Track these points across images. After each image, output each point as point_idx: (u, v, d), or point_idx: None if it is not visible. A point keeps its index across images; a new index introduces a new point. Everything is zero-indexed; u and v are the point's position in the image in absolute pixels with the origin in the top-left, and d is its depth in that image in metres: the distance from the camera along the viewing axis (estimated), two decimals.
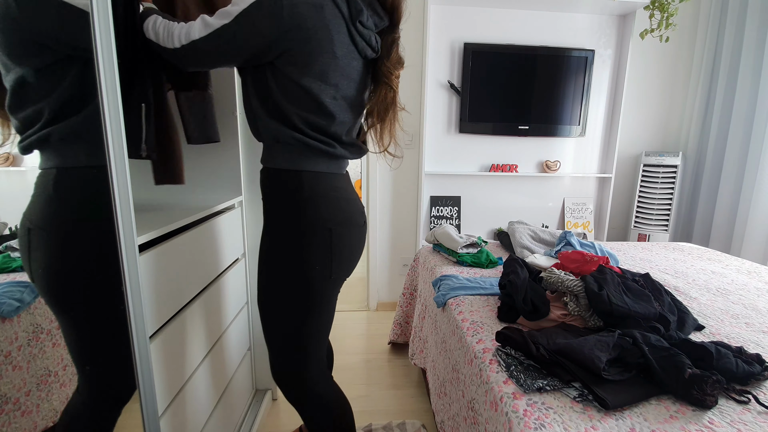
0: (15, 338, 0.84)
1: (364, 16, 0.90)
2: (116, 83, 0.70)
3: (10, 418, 0.82)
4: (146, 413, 0.83)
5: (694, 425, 0.73)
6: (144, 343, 0.80)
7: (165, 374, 0.93)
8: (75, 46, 0.79)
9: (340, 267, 1.02)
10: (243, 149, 1.49)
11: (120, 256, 0.74)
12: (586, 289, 1.05)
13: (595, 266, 1.19)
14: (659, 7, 2.10)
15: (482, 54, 2.46)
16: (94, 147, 0.74)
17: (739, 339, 1.05)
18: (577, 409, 0.76)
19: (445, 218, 2.71)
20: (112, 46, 0.69)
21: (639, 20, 2.47)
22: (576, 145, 2.76)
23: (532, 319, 1.06)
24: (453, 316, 1.21)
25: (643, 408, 0.77)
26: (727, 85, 2.51)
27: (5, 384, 0.81)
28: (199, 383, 1.12)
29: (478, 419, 0.92)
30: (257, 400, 1.64)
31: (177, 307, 1.01)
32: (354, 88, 0.96)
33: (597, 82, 2.65)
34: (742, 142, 2.44)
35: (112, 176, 0.70)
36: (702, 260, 1.81)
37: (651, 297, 1.07)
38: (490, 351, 0.97)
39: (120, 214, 0.72)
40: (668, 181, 2.69)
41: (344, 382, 1.89)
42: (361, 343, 2.24)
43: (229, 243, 1.38)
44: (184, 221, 1.03)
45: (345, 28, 0.88)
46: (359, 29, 0.90)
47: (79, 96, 0.81)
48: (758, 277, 1.57)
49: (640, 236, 2.79)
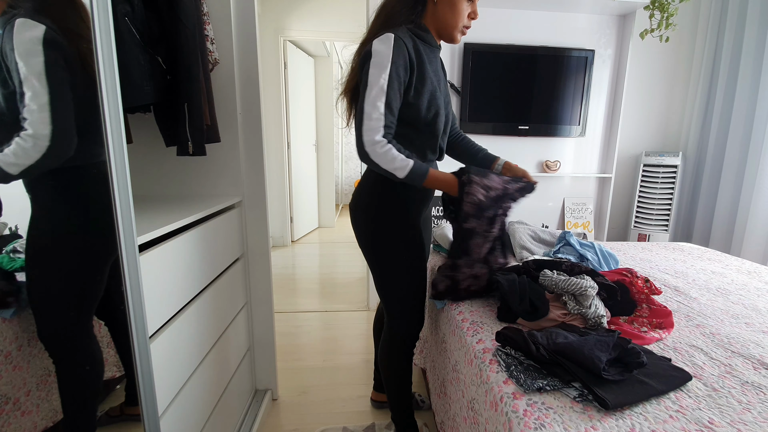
0: (15, 338, 0.84)
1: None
2: (116, 83, 0.70)
3: (10, 418, 0.82)
4: (146, 413, 0.83)
5: (694, 425, 0.73)
6: (144, 343, 0.80)
7: (165, 374, 0.93)
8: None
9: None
10: (243, 149, 1.49)
11: (120, 256, 0.74)
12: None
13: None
14: (659, 7, 2.10)
15: (482, 54, 2.46)
16: (94, 147, 0.74)
17: (739, 339, 1.05)
18: (577, 409, 0.76)
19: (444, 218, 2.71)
20: (112, 46, 0.69)
21: (639, 20, 2.47)
22: (576, 145, 2.76)
23: (531, 319, 1.06)
24: (453, 316, 1.21)
25: (643, 408, 0.77)
26: (727, 85, 2.51)
27: (5, 384, 0.81)
28: (199, 383, 1.12)
29: (478, 419, 0.92)
30: (257, 400, 1.64)
31: (177, 307, 1.01)
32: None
33: (597, 82, 2.65)
34: (742, 142, 2.44)
35: (112, 176, 0.70)
36: (702, 260, 1.81)
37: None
38: (490, 351, 0.97)
39: (120, 214, 0.72)
40: (668, 181, 2.69)
41: (344, 382, 1.90)
42: (361, 343, 2.24)
43: (229, 243, 1.38)
44: (184, 221, 1.03)
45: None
46: None
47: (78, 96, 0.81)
48: (758, 277, 1.57)
49: (640, 236, 2.79)
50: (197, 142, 1.13)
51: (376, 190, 1.17)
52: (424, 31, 1.09)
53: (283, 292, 2.96)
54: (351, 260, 3.75)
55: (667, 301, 1.30)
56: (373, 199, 1.17)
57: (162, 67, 1.07)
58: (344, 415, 1.64)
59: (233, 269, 1.41)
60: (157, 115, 1.17)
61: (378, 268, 1.21)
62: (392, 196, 1.15)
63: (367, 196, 1.19)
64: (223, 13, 1.36)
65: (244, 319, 1.54)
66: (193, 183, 1.45)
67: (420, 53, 1.05)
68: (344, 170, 6.65)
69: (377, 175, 1.16)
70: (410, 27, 1.07)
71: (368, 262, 1.23)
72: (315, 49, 4.42)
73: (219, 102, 1.38)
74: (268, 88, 3.79)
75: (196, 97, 1.11)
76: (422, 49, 1.07)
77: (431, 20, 1.11)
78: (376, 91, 0.99)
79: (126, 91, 0.79)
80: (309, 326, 2.44)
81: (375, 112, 0.99)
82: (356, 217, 1.21)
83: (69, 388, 0.91)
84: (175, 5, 1.05)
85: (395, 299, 1.23)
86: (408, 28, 1.06)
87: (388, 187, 1.14)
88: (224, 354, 1.33)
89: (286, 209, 4.14)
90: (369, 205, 1.18)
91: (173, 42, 1.07)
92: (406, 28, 1.06)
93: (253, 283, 1.60)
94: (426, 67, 1.07)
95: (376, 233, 1.18)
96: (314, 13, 3.64)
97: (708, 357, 0.96)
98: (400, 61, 1.00)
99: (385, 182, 1.14)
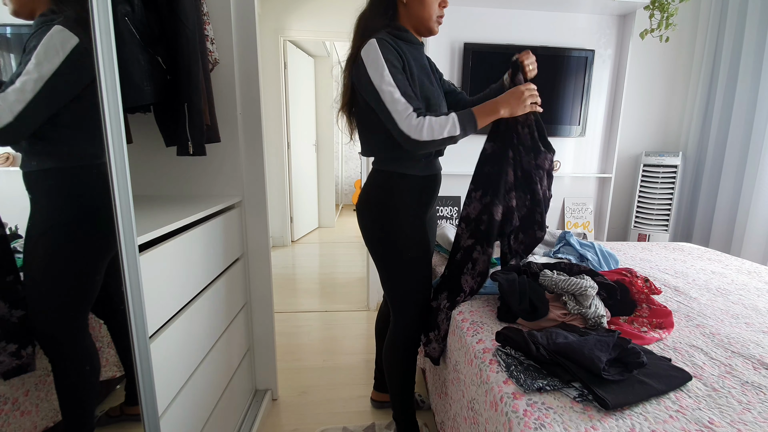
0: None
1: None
2: (116, 83, 0.70)
3: (10, 418, 0.82)
4: (146, 413, 0.83)
5: (694, 425, 0.73)
6: (144, 343, 0.80)
7: (165, 374, 0.93)
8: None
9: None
10: (243, 149, 1.49)
11: (120, 256, 0.74)
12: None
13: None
14: (659, 7, 2.10)
15: (482, 54, 2.46)
16: (93, 147, 0.74)
17: (739, 339, 1.05)
18: (577, 409, 0.76)
19: (445, 218, 2.71)
20: (112, 46, 0.68)
21: (639, 20, 2.47)
22: (576, 145, 2.76)
23: (531, 319, 1.06)
24: (453, 316, 1.21)
25: (643, 408, 0.77)
26: (727, 85, 2.51)
27: (5, 384, 0.81)
28: (199, 383, 1.12)
29: (478, 419, 0.92)
30: (257, 400, 1.64)
31: (177, 307, 1.01)
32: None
33: (597, 82, 2.64)
34: (742, 142, 2.44)
35: (112, 176, 0.70)
36: (702, 260, 1.81)
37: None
38: (490, 351, 0.97)
39: (120, 214, 0.72)
40: (668, 181, 2.69)
41: (344, 382, 1.90)
42: (361, 343, 2.24)
43: (229, 243, 1.38)
44: (184, 221, 1.03)
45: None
46: None
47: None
48: (758, 277, 1.57)
49: (640, 236, 2.79)
50: (197, 142, 1.13)
51: (381, 190, 1.20)
52: (403, 30, 1.14)
53: (283, 292, 2.96)
54: (351, 260, 3.75)
55: (667, 301, 1.30)
56: (379, 199, 1.20)
57: (162, 67, 1.07)
58: (344, 415, 1.64)
59: (233, 269, 1.41)
60: (157, 115, 1.17)
61: (384, 265, 1.24)
62: (397, 195, 1.18)
63: (372, 196, 1.22)
64: (223, 13, 1.36)
65: (244, 319, 1.54)
66: (193, 183, 1.45)
67: (403, 52, 1.09)
68: (344, 170, 6.65)
69: (382, 176, 1.20)
70: (389, 30, 1.11)
71: (374, 260, 1.26)
72: (315, 49, 4.42)
73: (219, 102, 1.38)
74: (268, 88, 3.79)
75: (196, 97, 1.11)
76: (404, 48, 1.11)
77: (406, 19, 1.16)
78: (388, 90, 1.02)
79: (126, 91, 0.79)
80: (309, 326, 2.44)
81: (398, 106, 1.02)
82: (363, 217, 1.25)
83: (66, 386, 0.91)
84: (175, 5, 1.05)
85: (401, 296, 1.26)
86: (387, 32, 1.10)
87: (392, 186, 1.18)
88: (224, 354, 1.33)
89: (286, 209, 4.14)
90: (375, 204, 1.21)
91: (173, 42, 1.07)
92: (385, 32, 1.10)
93: (253, 283, 1.60)
94: (411, 64, 1.11)
95: (382, 232, 1.20)
96: (314, 13, 3.65)
97: (708, 357, 0.96)
98: (390, 55, 1.05)
99: (390, 182, 1.18)
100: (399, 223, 1.19)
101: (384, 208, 1.19)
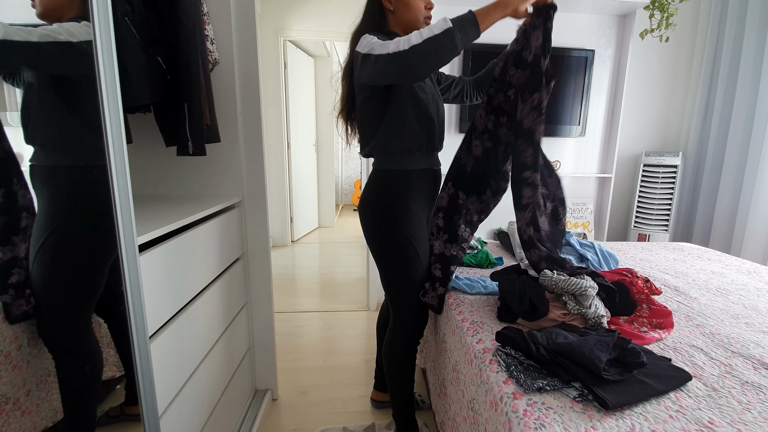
0: (15, 338, 0.84)
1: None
2: (116, 83, 0.70)
3: (10, 418, 0.82)
4: (146, 413, 0.83)
5: (694, 425, 0.73)
6: (144, 343, 0.80)
7: (165, 374, 0.93)
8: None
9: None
10: (243, 149, 1.49)
11: (120, 256, 0.74)
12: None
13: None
14: (659, 7, 2.10)
15: (482, 54, 2.46)
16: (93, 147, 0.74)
17: (739, 339, 1.05)
18: (577, 409, 0.76)
19: None
20: (112, 46, 0.68)
21: (639, 20, 2.47)
22: (576, 145, 2.76)
23: (531, 319, 1.06)
24: (453, 316, 1.21)
25: (643, 408, 0.77)
26: (727, 85, 2.51)
27: (5, 384, 0.81)
28: (199, 383, 1.12)
29: (478, 419, 0.92)
30: (257, 400, 1.64)
31: (177, 307, 1.01)
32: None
33: (597, 82, 2.64)
34: (742, 142, 2.44)
35: (112, 176, 0.70)
36: (702, 260, 1.81)
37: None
38: (490, 351, 0.97)
39: (120, 214, 0.72)
40: (668, 181, 2.69)
41: (344, 382, 1.90)
42: (361, 343, 2.24)
43: (229, 243, 1.38)
44: (184, 221, 1.03)
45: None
46: None
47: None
48: (758, 277, 1.57)
49: (640, 236, 2.79)
50: (197, 142, 1.14)
51: (381, 189, 1.23)
52: (393, 35, 1.17)
53: (283, 292, 2.96)
54: (351, 260, 3.75)
55: (667, 301, 1.30)
56: (380, 198, 1.22)
57: (162, 67, 1.07)
58: (344, 415, 1.64)
59: (233, 269, 1.41)
60: (157, 115, 1.17)
61: (384, 264, 1.26)
62: (398, 195, 1.20)
63: (373, 195, 1.24)
64: (223, 13, 1.36)
65: (244, 319, 1.54)
66: (193, 183, 1.45)
67: None
68: (344, 170, 6.65)
69: (382, 176, 1.22)
70: (380, 37, 1.13)
71: (375, 259, 1.28)
72: (315, 49, 4.42)
73: (219, 102, 1.38)
74: (268, 88, 3.79)
75: (196, 97, 1.11)
76: None
77: (395, 24, 1.20)
78: (377, 44, 1.02)
79: (126, 91, 0.79)
80: (309, 326, 2.44)
81: (373, 42, 1.03)
82: (364, 216, 1.26)
83: (69, 385, 0.91)
84: (175, 5, 1.05)
85: (400, 295, 1.28)
86: (379, 37, 1.12)
87: (393, 186, 1.21)
88: (224, 354, 1.33)
89: (286, 209, 4.14)
90: (375, 204, 1.23)
91: (173, 42, 1.07)
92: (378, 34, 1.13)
93: (253, 283, 1.60)
94: None
95: (382, 230, 1.22)
96: (314, 13, 3.65)
97: (708, 357, 0.96)
98: (381, 35, 1.08)
99: (390, 182, 1.21)
100: (399, 223, 1.20)
101: (384, 208, 1.21)
